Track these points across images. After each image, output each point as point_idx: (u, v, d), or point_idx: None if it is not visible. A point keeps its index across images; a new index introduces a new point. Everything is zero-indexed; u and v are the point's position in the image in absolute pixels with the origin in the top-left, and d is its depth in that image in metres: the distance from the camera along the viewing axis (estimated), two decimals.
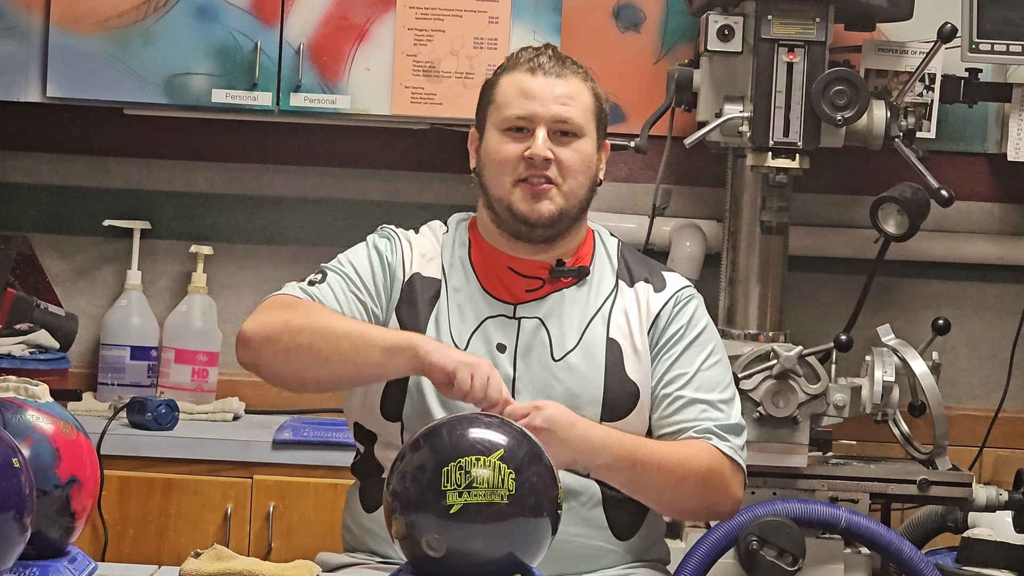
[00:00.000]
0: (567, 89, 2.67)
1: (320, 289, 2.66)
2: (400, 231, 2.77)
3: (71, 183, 4.09)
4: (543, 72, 2.67)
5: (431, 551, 2.14)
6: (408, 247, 2.73)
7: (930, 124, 3.79)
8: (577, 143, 2.66)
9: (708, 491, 2.64)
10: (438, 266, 2.71)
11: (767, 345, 3.43)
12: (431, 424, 2.22)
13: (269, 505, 3.61)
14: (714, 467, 2.63)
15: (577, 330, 2.66)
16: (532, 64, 2.68)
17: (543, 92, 2.65)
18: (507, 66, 2.71)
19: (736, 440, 2.67)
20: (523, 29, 3.78)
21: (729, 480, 2.65)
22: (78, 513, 2.24)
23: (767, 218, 3.62)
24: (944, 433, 3.47)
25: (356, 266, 2.71)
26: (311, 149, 4.09)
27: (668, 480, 2.60)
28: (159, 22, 3.75)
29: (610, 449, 2.56)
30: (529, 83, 2.66)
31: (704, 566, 3.09)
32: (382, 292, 2.69)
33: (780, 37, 3.47)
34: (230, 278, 4.09)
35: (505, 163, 2.65)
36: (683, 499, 2.64)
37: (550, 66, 2.67)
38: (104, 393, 3.94)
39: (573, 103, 2.66)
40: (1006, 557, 3.38)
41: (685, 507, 2.70)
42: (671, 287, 2.73)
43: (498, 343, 2.64)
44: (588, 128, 2.68)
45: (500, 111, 2.68)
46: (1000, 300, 4.06)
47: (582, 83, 2.69)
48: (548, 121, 2.64)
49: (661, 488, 2.61)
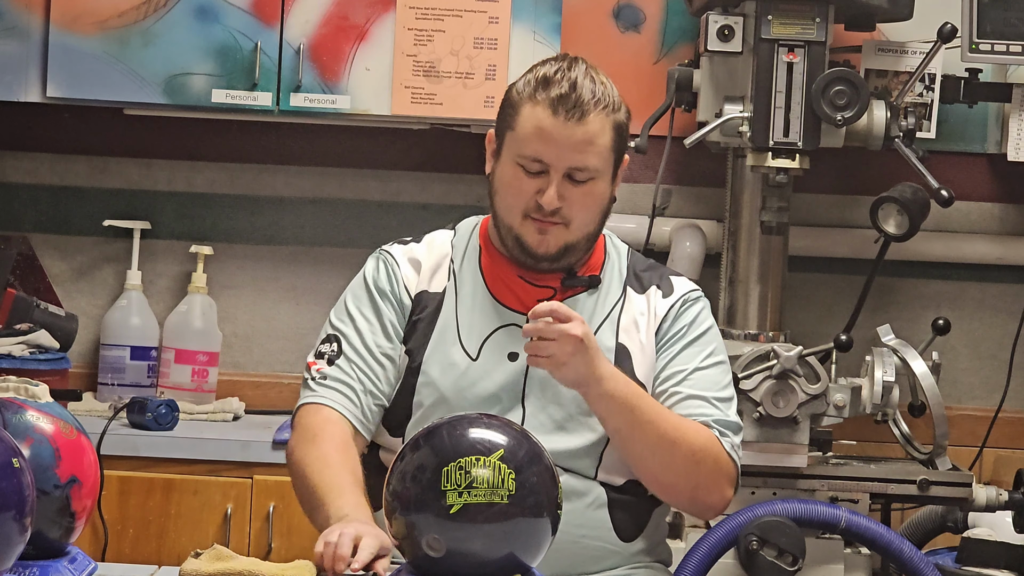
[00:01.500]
0: (586, 134, 2.59)
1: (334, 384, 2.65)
2: (397, 251, 2.75)
3: (71, 183, 4.09)
4: (564, 112, 2.58)
5: (431, 551, 2.14)
6: (406, 268, 2.73)
7: (930, 124, 3.79)
8: (591, 185, 2.62)
9: (698, 470, 2.61)
10: (444, 277, 2.72)
11: (767, 345, 3.43)
12: (431, 424, 2.23)
13: (269, 505, 3.61)
14: (709, 449, 2.62)
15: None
16: (555, 100, 2.58)
17: (561, 137, 2.58)
18: (531, 90, 2.61)
19: (733, 438, 2.67)
20: (523, 29, 3.78)
21: (721, 470, 2.63)
22: (78, 513, 2.24)
23: (767, 218, 3.62)
24: (944, 433, 3.47)
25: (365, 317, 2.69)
26: (311, 149, 4.09)
27: (660, 440, 2.58)
28: (159, 22, 3.75)
29: (617, 381, 2.56)
30: (549, 125, 2.58)
31: (704, 566, 3.09)
32: (397, 316, 2.71)
33: (780, 37, 3.47)
34: (230, 278, 4.09)
35: (517, 196, 2.63)
36: (670, 467, 2.60)
37: (573, 104, 2.58)
38: (104, 393, 3.94)
39: (591, 149, 2.60)
40: (1006, 557, 3.38)
41: (670, 479, 2.63)
42: (678, 291, 2.74)
43: (510, 352, 2.65)
44: (604, 168, 2.63)
45: (517, 143, 2.62)
46: (1000, 300, 4.06)
47: (604, 120, 2.61)
48: (563, 168, 2.60)
49: (651, 446, 2.58)
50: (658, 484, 2.66)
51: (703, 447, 2.62)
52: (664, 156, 3.64)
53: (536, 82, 2.62)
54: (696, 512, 2.85)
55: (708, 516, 2.88)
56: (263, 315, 4.08)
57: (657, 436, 2.58)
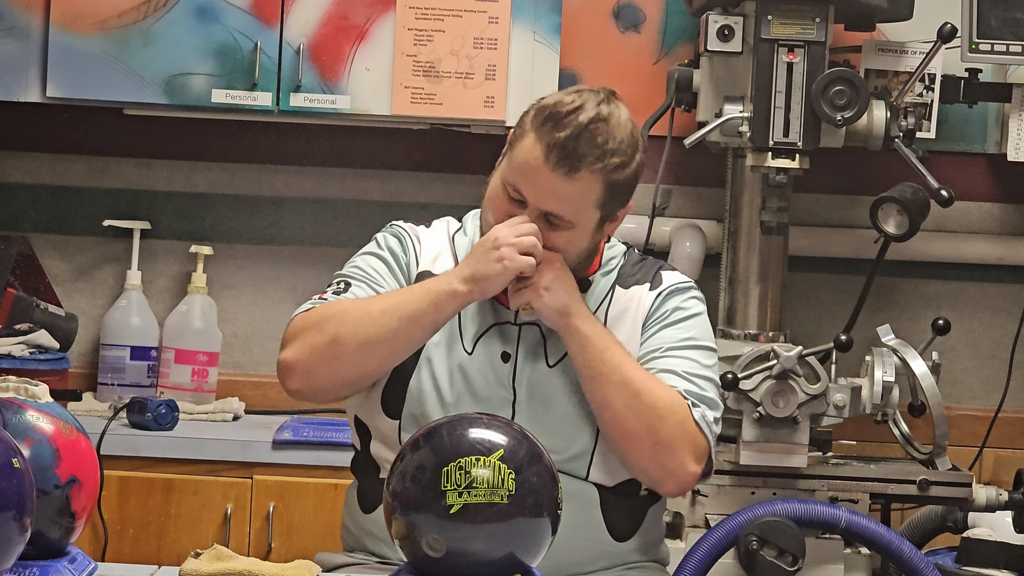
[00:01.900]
0: (568, 188, 2.54)
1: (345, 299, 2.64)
2: (409, 227, 2.76)
3: (71, 183, 4.09)
4: (555, 162, 2.52)
5: (431, 551, 2.14)
6: (418, 243, 2.73)
7: (930, 124, 3.79)
8: (567, 232, 2.59)
9: (661, 425, 2.55)
10: (448, 264, 2.71)
11: (767, 345, 3.43)
12: (431, 424, 2.23)
13: (269, 505, 3.61)
14: (675, 409, 2.57)
15: None
16: (550, 146, 2.52)
17: (544, 183, 2.54)
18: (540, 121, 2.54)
19: (707, 412, 2.60)
20: (523, 29, 3.78)
21: (686, 435, 2.57)
22: (78, 513, 2.24)
23: (767, 218, 3.62)
24: (944, 433, 3.47)
25: (376, 271, 2.69)
26: (311, 149, 4.09)
27: (626, 384, 2.55)
28: (159, 22, 3.75)
29: (595, 321, 2.59)
30: (537, 167, 2.53)
31: (704, 566, 3.09)
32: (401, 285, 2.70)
33: (780, 37, 3.47)
34: (230, 278, 4.09)
35: (497, 213, 2.62)
36: (632, 413, 2.54)
37: (566, 155, 2.51)
38: (104, 393, 3.94)
39: (570, 203, 2.55)
40: (1006, 557, 3.38)
41: (631, 425, 2.55)
42: (667, 282, 2.72)
43: (502, 351, 2.64)
44: (583, 218, 2.58)
45: (508, 168, 2.59)
46: (1000, 300, 4.06)
47: (596, 177, 2.54)
48: (538, 210, 2.57)
49: (616, 387, 2.55)
50: (620, 432, 2.57)
51: (669, 404, 2.57)
52: (664, 156, 3.64)
53: (547, 115, 2.54)
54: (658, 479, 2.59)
55: (670, 488, 2.61)
56: (263, 315, 4.09)
57: (622, 380, 2.55)
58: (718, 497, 3.42)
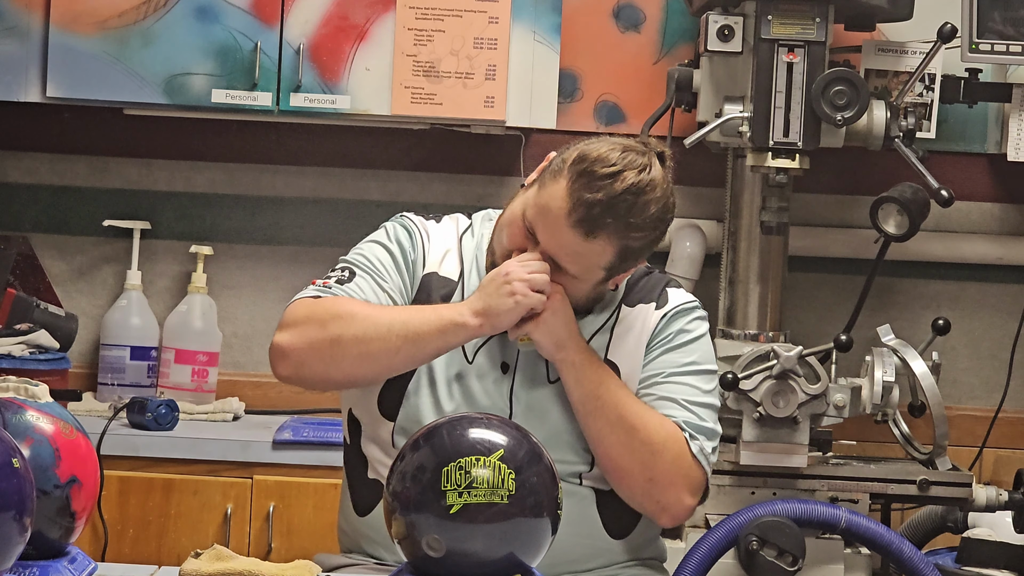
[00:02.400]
0: (583, 249, 2.53)
1: (350, 289, 2.62)
2: (419, 222, 2.73)
3: (71, 183, 4.09)
4: (576, 219, 2.50)
5: (431, 551, 2.14)
6: (427, 239, 2.71)
7: (930, 124, 3.79)
8: (567, 279, 2.58)
9: (654, 461, 2.57)
10: (454, 265, 2.70)
11: (767, 345, 3.43)
12: (431, 424, 2.22)
13: (269, 505, 3.61)
14: (671, 444, 2.58)
15: None
16: (576, 204, 2.49)
17: (560, 235, 2.52)
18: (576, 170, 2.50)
19: (705, 443, 2.62)
20: (523, 29, 3.78)
21: (680, 470, 2.58)
22: (78, 513, 2.24)
23: (767, 218, 3.62)
24: (944, 433, 3.47)
25: (382, 263, 2.67)
26: (311, 149, 4.09)
27: (620, 421, 2.55)
28: (159, 22, 3.75)
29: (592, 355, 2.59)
30: (558, 216, 2.51)
31: (704, 566, 3.09)
32: (405, 288, 2.68)
33: (780, 37, 3.47)
34: (230, 278, 4.09)
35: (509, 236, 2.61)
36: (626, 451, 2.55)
37: (590, 218, 2.49)
38: (104, 393, 3.94)
39: (580, 261, 2.55)
40: (1006, 557, 3.38)
41: (625, 463, 2.57)
42: (672, 302, 2.71)
43: (502, 362, 2.64)
44: (589, 275, 2.58)
45: (531, 203, 2.56)
46: (1000, 300, 4.06)
47: (611, 243, 2.52)
48: (548, 256, 2.56)
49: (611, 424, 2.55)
50: (613, 467, 2.59)
51: (664, 441, 2.58)
52: None
53: (585, 169, 2.50)
54: (652, 512, 2.62)
55: (664, 521, 2.64)
56: (263, 315, 4.08)
57: (618, 416, 2.56)
58: (718, 497, 3.42)
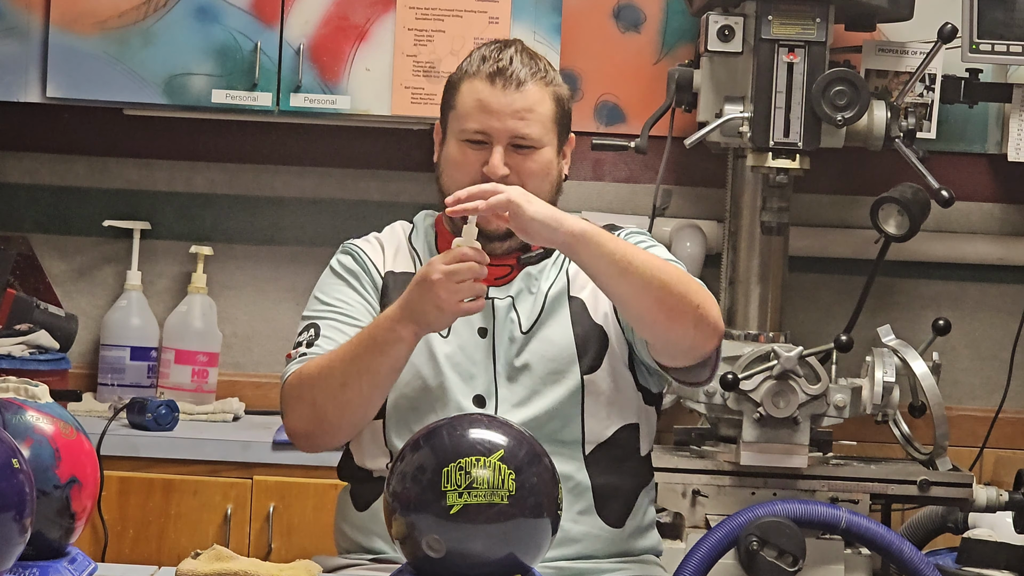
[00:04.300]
0: (526, 102, 2.63)
1: (320, 347, 2.65)
2: (358, 241, 2.78)
3: (71, 183, 4.09)
4: (502, 82, 2.62)
5: (431, 552, 2.14)
6: (371, 250, 2.75)
7: (930, 124, 3.79)
8: (536, 154, 2.64)
9: (696, 291, 2.52)
10: (407, 259, 2.73)
11: (767, 346, 3.44)
12: (431, 424, 2.23)
13: (269, 506, 3.61)
14: (687, 277, 2.54)
15: (541, 300, 2.67)
16: (492, 72, 2.63)
17: (501, 106, 2.62)
18: (469, 69, 2.67)
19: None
20: (523, 29, 3.77)
21: (711, 297, 2.55)
22: (78, 514, 2.24)
23: (767, 218, 3.62)
24: (944, 434, 3.47)
25: (340, 296, 2.71)
26: (311, 149, 4.09)
27: (659, 271, 2.50)
28: (159, 22, 3.75)
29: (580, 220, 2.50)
30: (487, 96, 2.63)
31: (704, 566, 3.09)
32: (371, 301, 2.71)
33: (780, 37, 3.47)
34: (230, 278, 4.09)
35: (463, 171, 2.64)
36: (672, 296, 2.49)
37: (510, 74, 2.63)
38: (104, 394, 3.94)
39: (532, 116, 2.63)
40: (1006, 558, 3.38)
41: (675, 304, 2.49)
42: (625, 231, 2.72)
43: (480, 327, 2.66)
44: (548, 138, 2.65)
45: (459, 121, 2.66)
46: (1000, 300, 4.06)
47: (543, 90, 2.65)
48: (506, 137, 2.62)
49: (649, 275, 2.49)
50: (662, 313, 2.51)
51: (682, 273, 2.55)
52: (664, 156, 3.65)
53: (472, 61, 2.67)
54: (689, 346, 2.55)
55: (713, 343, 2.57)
56: (263, 315, 4.08)
57: (651, 266, 2.51)
58: (718, 497, 3.42)
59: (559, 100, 2.67)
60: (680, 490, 3.44)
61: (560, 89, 2.68)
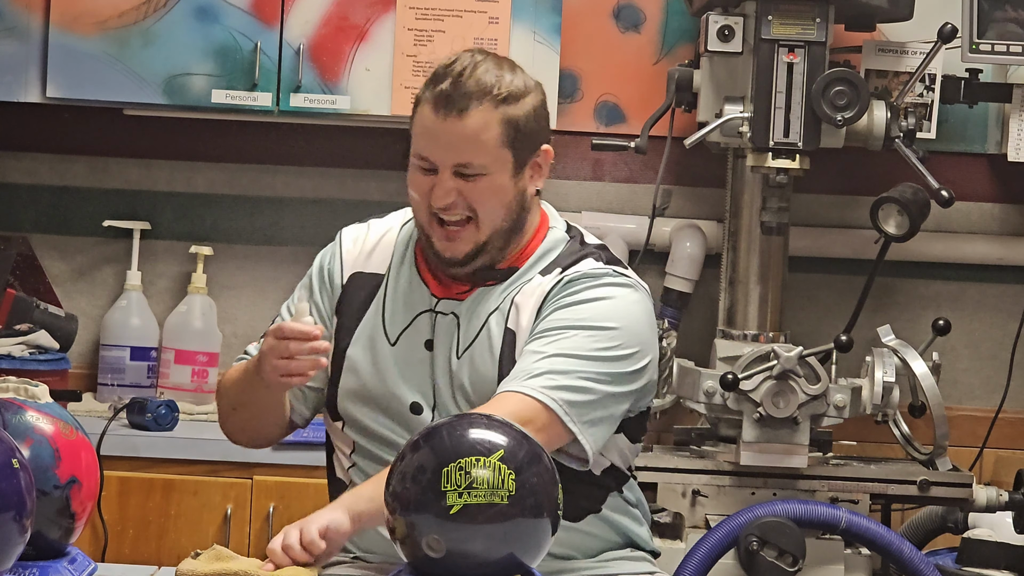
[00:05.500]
0: (465, 130, 2.53)
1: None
2: (348, 232, 2.79)
3: (71, 183, 4.09)
4: (444, 108, 2.54)
5: (431, 552, 2.14)
6: (350, 247, 2.75)
7: (930, 124, 3.79)
8: (484, 180, 2.57)
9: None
10: (384, 258, 2.71)
11: (767, 346, 3.44)
12: (431, 425, 2.23)
13: (269, 506, 3.61)
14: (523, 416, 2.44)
15: (479, 323, 2.62)
16: (436, 98, 2.55)
17: (443, 134, 2.55)
18: (423, 91, 2.59)
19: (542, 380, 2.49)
20: (523, 29, 3.77)
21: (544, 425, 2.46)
22: (78, 514, 2.24)
23: (767, 218, 3.62)
24: (944, 434, 3.47)
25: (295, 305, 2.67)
26: (311, 149, 4.09)
27: None
28: (159, 22, 3.75)
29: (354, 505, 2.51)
30: (431, 124, 2.56)
31: (704, 566, 3.09)
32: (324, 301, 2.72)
33: (780, 37, 3.47)
34: (230, 278, 4.09)
35: (417, 193, 2.62)
36: None
37: (452, 100, 2.53)
38: (104, 394, 3.94)
39: (474, 144, 2.54)
40: (1006, 558, 3.38)
41: None
42: (577, 269, 2.61)
43: (426, 340, 2.63)
44: (497, 163, 2.56)
45: (414, 142, 2.61)
46: (1000, 300, 4.06)
47: (489, 114, 2.54)
48: (449, 165, 2.56)
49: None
50: None
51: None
52: (664, 156, 3.65)
53: (428, 79, 2.59)
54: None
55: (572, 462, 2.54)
56: (263, 315, 4.08)
57: None
58: (718, 497, 3.42)
59: (509, 122, 2.55)
60: (680, 490, 3.44)
61: (513, 108, 2.56)
